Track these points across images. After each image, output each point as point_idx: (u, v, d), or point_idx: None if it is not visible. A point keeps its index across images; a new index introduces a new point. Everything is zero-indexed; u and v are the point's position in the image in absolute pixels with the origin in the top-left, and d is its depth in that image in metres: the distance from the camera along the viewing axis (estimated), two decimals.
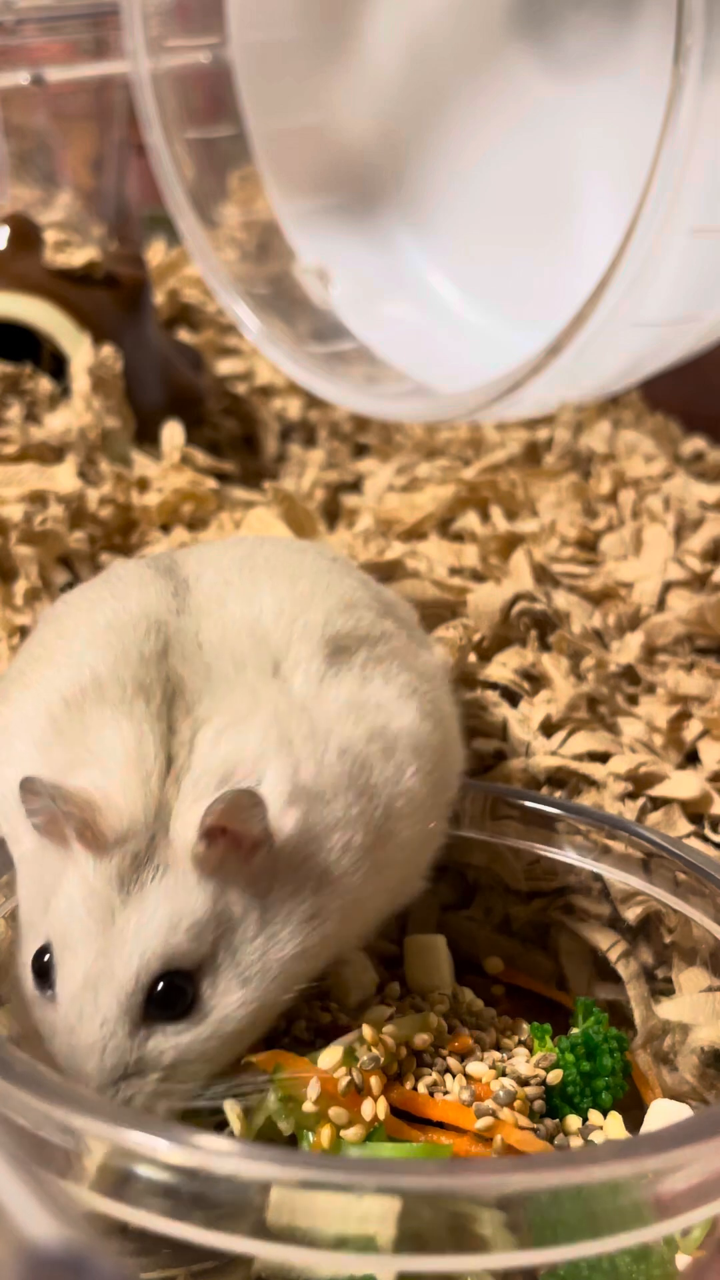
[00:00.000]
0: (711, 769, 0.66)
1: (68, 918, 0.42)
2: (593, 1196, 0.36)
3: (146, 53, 1.05)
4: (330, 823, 0.45)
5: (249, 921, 0.43)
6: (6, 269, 0.95)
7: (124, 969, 0.41)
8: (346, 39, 1.09)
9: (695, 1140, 0.38)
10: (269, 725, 0.45)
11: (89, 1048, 0.41)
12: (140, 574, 0.53)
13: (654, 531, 0.84)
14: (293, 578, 0.52)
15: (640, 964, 0.55)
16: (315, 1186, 0.35)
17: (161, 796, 0.43)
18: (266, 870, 0.43)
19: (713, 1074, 0.51)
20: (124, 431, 0.92)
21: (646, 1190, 0.37)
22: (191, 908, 0.42)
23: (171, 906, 0.42)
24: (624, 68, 0.96)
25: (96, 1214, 0.37)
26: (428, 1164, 0.40)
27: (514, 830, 0.57)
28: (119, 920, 0.42)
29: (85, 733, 0.45)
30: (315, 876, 0.44)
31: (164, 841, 0.42)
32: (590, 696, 0.69)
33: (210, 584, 0.51)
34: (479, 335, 1.06)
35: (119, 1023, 0.41)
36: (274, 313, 1.07)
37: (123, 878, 0.42)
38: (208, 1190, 0.36)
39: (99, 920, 0.42)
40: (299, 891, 0.44)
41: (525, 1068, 0.48)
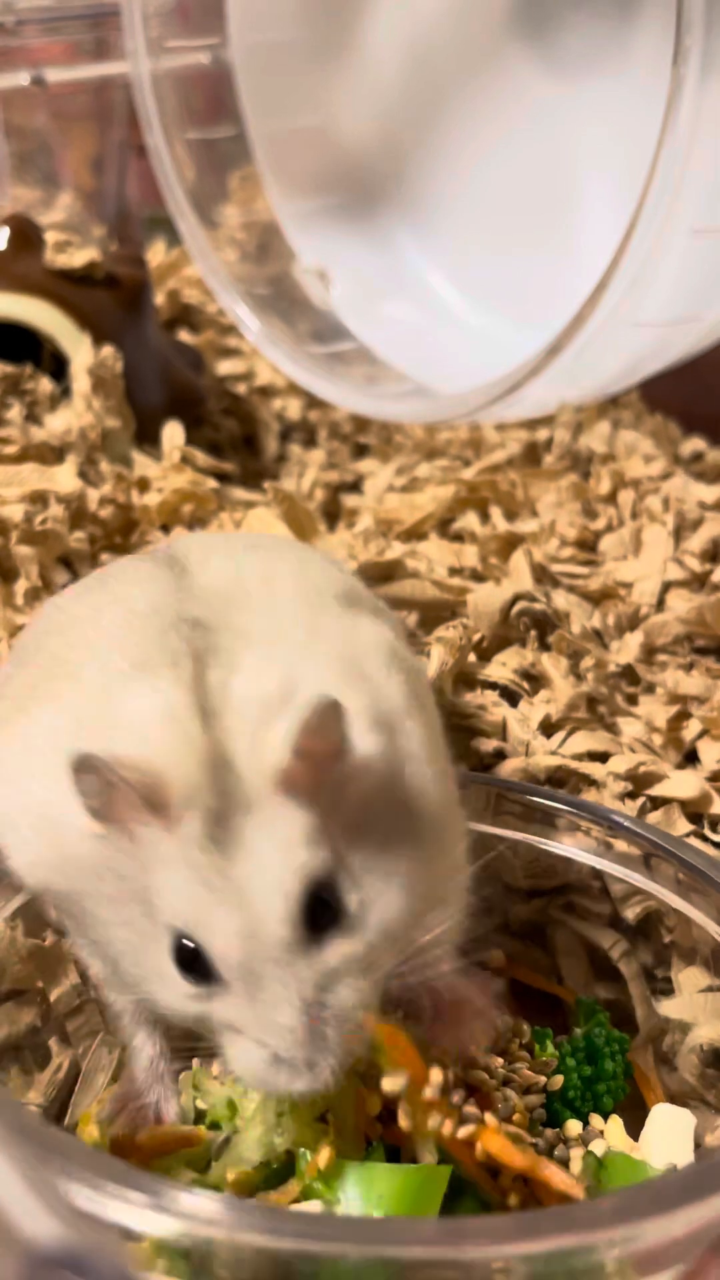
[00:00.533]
0: (711, 768, 0.66)
1: (188, 901, 0.41)
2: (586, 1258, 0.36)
3: (147, 53, 1.05)
4: (402, 752, 0.45)
5: (362, 835, 0.43)
6: (7, 269, 0.95)
7: (271, 910, 0.40)
8: (346, 40, 1.09)
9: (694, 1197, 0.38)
10: (330, 663, 0.45)
11: (279, 1002, 0.40)
12: (137, 569, 0.53)
13: (653, 532, 0.84)
14: (299, 560, 0.53)
15: (640, 963, 0.55)
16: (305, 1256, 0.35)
17: (209, 744, 0.42)
18: (360, 792, 0.43)
19: (712, 1074, 0.51)
20: (124, 432, 0.92)
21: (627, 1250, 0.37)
22: (296, 827, 0.41)
23: (278, 836, 0.41)
24: (624, 68, 0.96)
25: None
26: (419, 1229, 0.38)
27: (514, 826, 0.57)
28: (237, 874, 0.41)
29: (115, 717, 0.44)
30: (404, 800, 0.44)
31: (234, 782, 0.41)
32: (590, 696, 0.69)
33: (219, 566, 0.51)
34: (479, 336, 1.06)
35: (291, 966, 0.40)
36: (274, 313, 1.07)
37: (214, 837, 0.41)
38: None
39: (222, 885, 0.40)
40: (394, 812, 0.44)
41: (526, 1074, 0.48)
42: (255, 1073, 0.41)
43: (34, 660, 0.52)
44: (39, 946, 0.51)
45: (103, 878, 0.43)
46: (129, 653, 0.46)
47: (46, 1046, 0.51)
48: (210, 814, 0.41)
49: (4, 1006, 0.50)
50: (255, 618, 0.47)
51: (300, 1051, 0.40)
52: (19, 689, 0.51)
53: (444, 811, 0.47)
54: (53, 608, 0.56)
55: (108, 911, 0.44)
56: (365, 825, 0.43)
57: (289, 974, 0.40)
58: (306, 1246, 0.35)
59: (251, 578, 0.50)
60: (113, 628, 0.48)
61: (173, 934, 0.41)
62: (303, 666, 0.44)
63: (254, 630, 0.46)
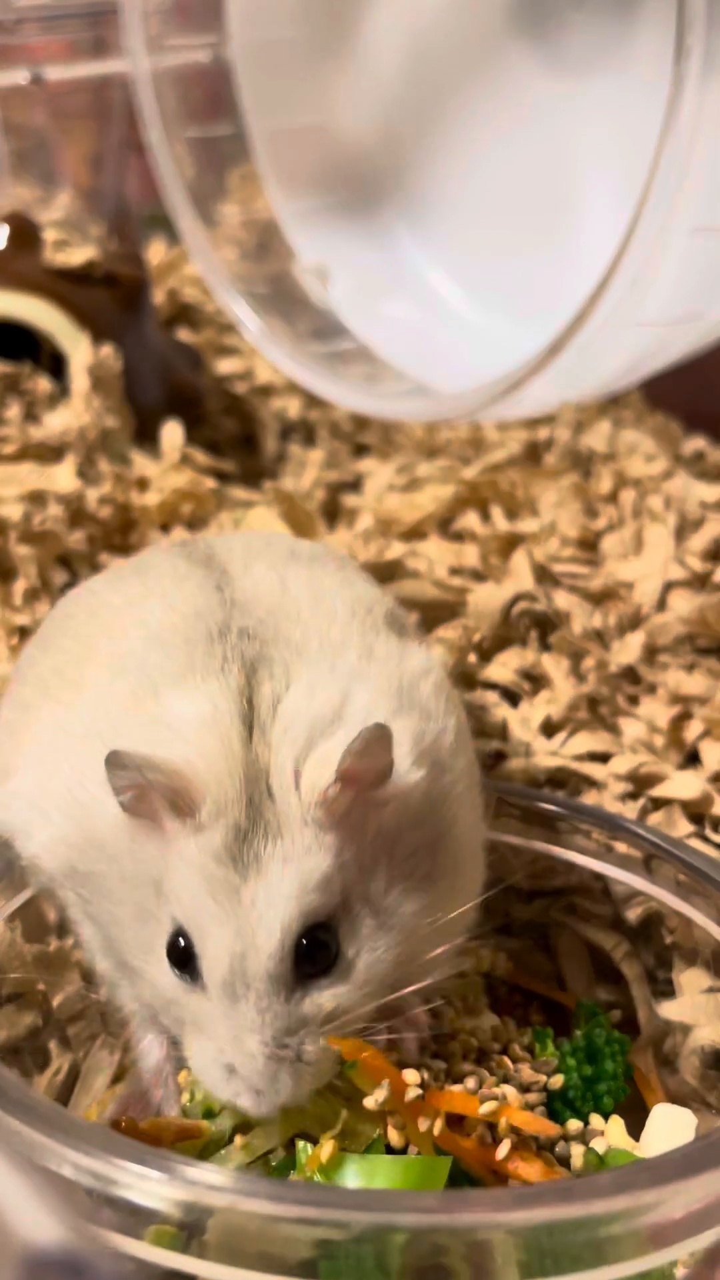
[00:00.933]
0: (712, 769, 0.66)
1: (194, 905, 0.42)
2: (591, 1230, 0.36)
3: (146, 51, 1.05)
4: (444, 791, 0.45)
5: (377, 875, 0.43)
6: (6, 268, 0.95)
7: (267, 941, 0.41)
8: (347, 37, 1.09)
9: (694, 1170, 0.38)
10: (381, 693, 0.45)
11: (251, 1026, 0.41)
12: (175, 566, 0.53)
13: (655, 531, 0.84)
14: (342, 576, 0.53)
15: (642, 965, 0.55)
16: (309, 1223, 0.35)
17: (248, 758, 0.42)
18: (393, 826, 0.43)
19: (713, 1075, 0.51)
20: (123, 431, 0.92)
21: (646, 1222, 0.37)
22: (316, 864, 0.42)
23: (296, 870, 0.41)
24: (625, 67, 0.96)
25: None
26: (423, 1199, 0.39)
27: (515, 829, 0.57)
28: (246, 896, 0.41)
29: (160, 715, 0.44)
30: (432, 841, 0.44)
31: (266, 803, 0.42)
32: (591, 697, 0.69)
33: (262, 574, 0.51)
34: (479, 334, 1.06)
35: (272, 996, 0.41)
36: (274, 312, 1.07)
37: (233, 852, 0.41)
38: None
39: (227, 900, 0.41)
40: (418, 854, 0.44)
41: (527, 1074, 0.48)
42: (209, 1075, 0.42)
43: (60, 645, 0.52)
44: (41, 950, 0.50)
45: (122, 859, 0.44)
46: (177, 653, 0.46)
47: (46, 1049, 0.50)
48: (236, 829, 0.42)
49: (4, 1009, 0.49)
50: (309, 633, 0.47)
51: (255, 1079, 0.41)
52: (44, 673, 0.51)
53: (468, 855, 0.47)
54: (85, 592, 0.57)
55: (119, 889, 0.44)
56: (387, 856, 0.43)
57: (267, 1007, 0.41)
58: (309, 1214, 0.35)
59: (300, 591, 0.50)
60: (156, 624, 0.48)
61: (173, 926, 0.42)
62: (356, 689, 0.44)
63: (308, 645, 0.46)
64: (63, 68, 1.11)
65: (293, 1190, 0.38)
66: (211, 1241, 0.36)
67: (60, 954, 0.51)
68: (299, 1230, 0.36)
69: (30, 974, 0.50)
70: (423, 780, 0.44)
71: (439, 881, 0.45)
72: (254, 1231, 0.36)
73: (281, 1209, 0.36)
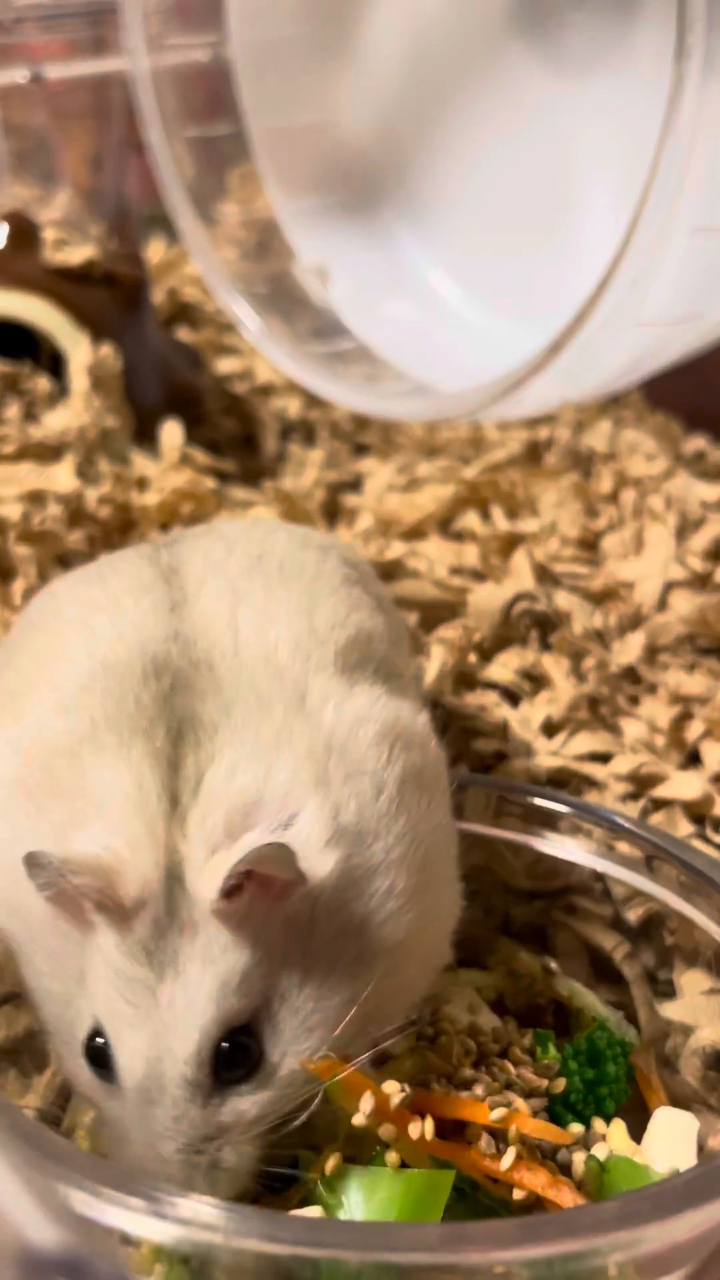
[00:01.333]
0: (713, 770, 0.66)
1: (109, 1004, 0.40)
2: (587, 1263, 0.36)
3: (146, 50, 1.05)
4: (371, 867, 0.42)
5: (294, 968, 0.40)
6: (5, 267, 0.95)
7: (183, 1046, 0.39)
8: (346, 37, 1.09)
9: (696, 1201, 0.37)
10: (303, 761, 0.42)
11: (163, 1133, 0.39)
12: (138, 573, 0.50)
13: (655, 531, 0.84)
14: (308, 595, 0.48)
15: (643, 965, 0.55)
16: (302, 1261, 0.35)
17: (169, 843, 0.40)
18: (305, 914, 0.41)
19: (714, 1076, 0.51)
20: (123, 431, 0.92)
21: (641, 1251, 0.37)
22: (233, 965, 0.39)
23: (214, 971, 0.39)
24: (625, 66, 0.96)
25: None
26: (421, 1234, 0.37)
27: (515, 828, 0.56)
28: (163, 996, 0.39)
29: (83, 782, 0.42)
30: (357, 924, 0.42)
31: (183, 896, 0.40)
32: (591, 697, 0.68)
33: (215, 595, 0.47)
34: (479, 334, 1.06)
35: (190, 1102, 0.39)
36: (273, 311, 1.07)
37: (151, 950, 0.39)
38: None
39: (143, 1002, 0.39)
40: (342, 937, 0.41)
41: (530, 1078, 0.48)
42: (127, 1163, 0.40)
43: (16, 660, 0.50)
44: None
45: (49, 938, 0.42)
46: (112, 696, 0.43)
47: (44, 1050, 0.50)
48: (155, 924, 0.39)
49: (3, 1009, 0.49)
50: (240, 681, 0.44)
51: (170, 1181, 0.39)
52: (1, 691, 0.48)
53: (410, 931, 0.43)
54: (49, 596, 0.54)
55: (47, 967, 0.42)
56: (300, 948, 0.41)
57: (183, 1114, 0.39)
58: (305, 1252, 0.35)
59: (246, 620, 0.46)
60: (99, 653, 0.45)
61: (91, 1024, 0.40)
62: (277, 764, 0.41)
63: (238, 698, 0.43)
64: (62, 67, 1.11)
65: (288, 1227, 0.36)
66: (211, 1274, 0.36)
67: None
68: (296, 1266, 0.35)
69: None
70: (341, 865, 0.41)
71: (373, 963, 0.42)
72: (251, 1267, 0.35)
73: (276, 1248, 0.35)
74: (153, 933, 0.39)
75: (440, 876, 0.46)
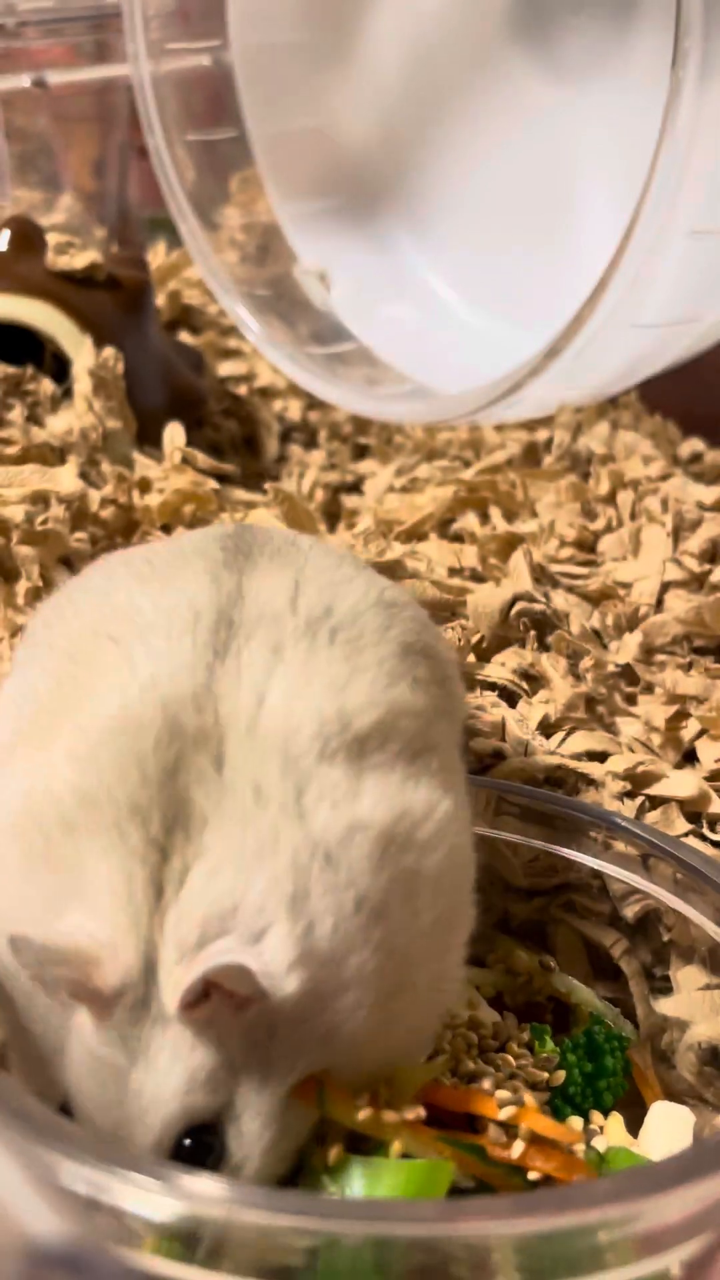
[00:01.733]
0: (709, 768, 0.66)
1: (80, 1083, 0.40)
2: (585, 1238, 0.36)
3: (147, 56, 1.06)
4: (340, 983, 0.41)
5: (256, 1072, 0.40)
6: (9, 271, 0.95)
7: (146, 1136, 0.39)
8: (347, 42, 1.09)
9: (692, 1177, 0.37)
10: (284, 874, 0.40)
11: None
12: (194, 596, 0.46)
13: (652, 532, 0.84)
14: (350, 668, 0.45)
15: (640, 962, 0.55)
16: (303, 1234, 0.35)
17: (150, 936, 0.40)
18: (266, 1024, 0.40)
19: (710, 1072, 0.51)
20: (125, 433, 0.93)
21: (641, 1228, 0.37)
22: (200, 1064, 0.39)
23: (183, 1065, 0.39)
24: (623, 70, 0.97)
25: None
26: (416, 1208, 0.38)
27: (513, 827, 0.57)
28: (132, 1083, 0.39)
29: (77, 858, 0.41)
30: (320, 1034, 0.41)
31: (157, 992, 0.39)
32: (588, 696, 0.69)
33: (257, 653, 0.44)
34: (479, 337, 1.07)
35: None
36: (274, 314, 1.07)
37: (125, 1036, 0.39)
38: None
39: (112, 1087, 0.39)
40: (302, 1047, 0.41)
41: (532, 1071, 0.48)
42: None
43: (42, 657, 0.48)
44: None
45: (32, 1001, 0.42)
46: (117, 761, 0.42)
47: None
48: (131, 1012, 0.39)
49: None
50: (241, 771, 0.42)
51: None
52: (21, 703, 0.47)
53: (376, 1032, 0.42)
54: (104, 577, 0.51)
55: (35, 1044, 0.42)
56: (262, 1052, 0.40)
57: None
58: (305, 1224, 0.35)
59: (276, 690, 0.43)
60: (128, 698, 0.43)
61: (64, 1096, 0.41)
62: (255, 877, 0.40)
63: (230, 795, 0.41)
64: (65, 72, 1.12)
65: (289, 1200, 0.37)
66: (213, 1251, 0.36)
67: None
68: (295, 1239, 0.35)
69: None
70: (299, 989, 0.40)
71: (342, 1071, 0.41)
72: (251, 1240, 0.35)
73: (278, 1219, 0.35)
74: (129, 1020, 0.39)
75: (419, 984, 0.44)
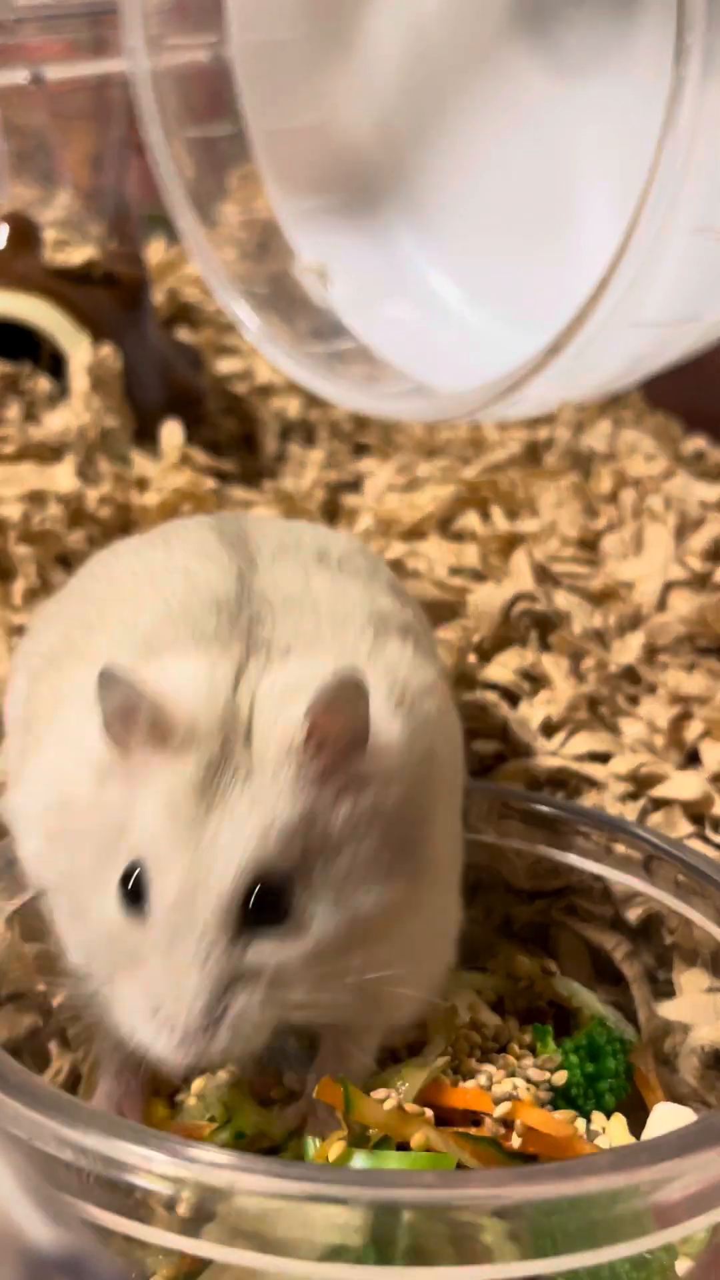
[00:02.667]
0: (712, 770, 0.66)
1: (155, 831, 0.41)
2: (591, 1207, 0.36)
3: (146, 51, 1.05)
4: (430, 752, 0.45)
5: (340, 837, 0.42)
6: (6, 268, 0.95)
7: (219, 878, 0.40)
8: (346, 37, 1.09)
9: (693, 1150, 0.38)
10: (373, 659, 0.46)
11: (190, 960, 0.40)
12: (203, 541, 0.53)
13: (655, 531, 0.84)
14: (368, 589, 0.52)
15: (643, 965, 0.55)
16: (315, 1200, 0.35)
17: (232, 702, 0.42)
18: (361, 783, 0.43)
19: (713, 1075, 0.51)
20: (123, 431, 0.92)
21: (645, 1200, 0.37)
22: (280, 813, 0.41)
23: (260, 813, 0.41)
24: (624, 67, 0.96)
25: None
26: (425, 1176, 0.39)
27: (516, 831, 0.57)
28: (208, 829, 0.40)
29: (163, 643, 0.45)
30: (409, 812, 0.44)
31: (243, 748, 0.42)
32: (591, 697, 0.69)
33: (289, 569, 0.51)
34: (479, 335, 1.06)
35: (218, 932, 0.40)
36: (273, 312, 1.07)
37: (202, 786, 0.41)
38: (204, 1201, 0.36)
39: (188, 830, 0.41)
40: (391, 821, 0.43)
41: (533, 1071, 0.48)
42: (133, 1018, 0.41)
43: (75, 610, 0.53)
44: (41, 950, 0.50)
45: (92, 813, 0.43)
46: (185, 630, 0.46)
47: (46, 1049, 0.50)
48: (209, 764, 0.41)
49: (4, 1009, 0.49)
50: (321, 629, 0.47)
51: (181, 1028, 0.40)
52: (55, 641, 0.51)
53: (439, 878, 0.46)
54: (111, 554, 0.57)
55: (87, 843, 0.43)
56: (355, 843, 0.42)
57: (209, 947, 0.40)
58: (311, 1190, 0.35)
59: (322, 592, 0.49)
60: (173, 600, 0.48)
61: (132, 860, 0.41)
62: (343, 658, 0.45)
63: (320, 638, 0.46)
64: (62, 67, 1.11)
65: (293, 1169, 0.38)
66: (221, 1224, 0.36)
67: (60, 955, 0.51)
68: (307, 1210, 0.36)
69: (30, 974, 0.50)
70: (402, 731, 0.44)
71: (411, 873, 0.44)
72: (260, 1213, 0.36)
73: (283, 1185, 0.36)
74: (206, 773, 0.41)
75: (455, 849, 0.49)
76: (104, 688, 0.42)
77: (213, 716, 0.42)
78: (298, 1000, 0.41)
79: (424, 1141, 0.42)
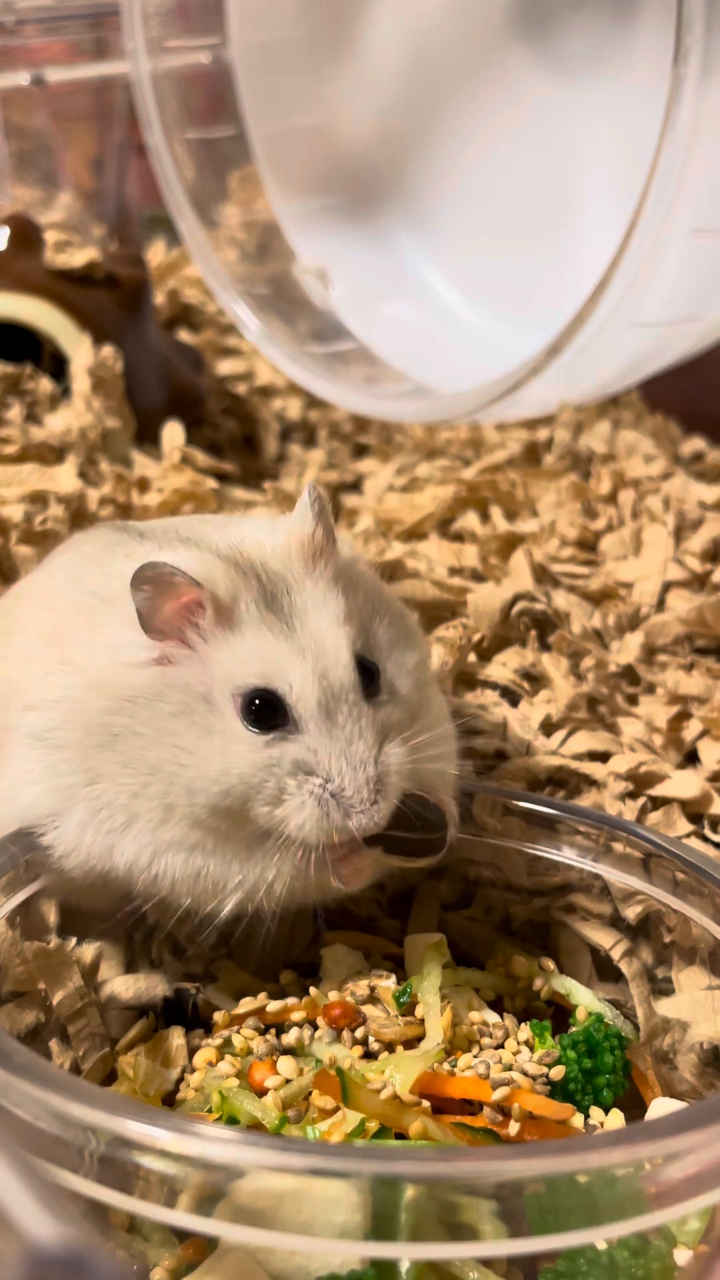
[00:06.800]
0: (711, 769, 0.66)
1: (262, 662, 0.47)
2: (589, 1185, 0.37)
3: (147, 53, 1.05)
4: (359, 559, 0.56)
5: (363, 610, 0.51)
6: (7, 269, 0.95)
7: (340, 656, 0.48)
8: (346, 39, 1.09)
9: (691, 1129, 0.38)
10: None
11: (354, 734, 0.47)
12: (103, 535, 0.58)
13: (654, 532, 0.84)
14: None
15: (641, 963, 0.55)
16: (318, 1174, 0.36)
17: (229, 557, 0.49)
18: (347, 572, 0.51)
19: (711, 1072, 0.51)
20: (124, 432, 0.92)
21: (643, 1179, 0.37)
22: (338, 603, 0.49)
23: (330, 608, 0.49)
24: (624, 68, 0.96)
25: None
26: (424, 1151, 0.40)
27: (516, 830, 0.57)
28: (306, 633, 0.48)
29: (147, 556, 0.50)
30: (375, 588, 0.54)
31: (267, 576, 0.49)
32: (590, 696, 0.69)
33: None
34: (479, 335, 1.06)
35: (362, 703, 0.48)
36: (274, 313, 1.07)
37: (272, 618, 0.48)
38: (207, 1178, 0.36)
39: (290, 641, 0.48)
40: (372, 591, 0.53)
41: (530, 1066, 0.48)
42: (316, 818, 0.47)
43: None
44: (41, 949, 0.51)
45: (164, 697, 0.48)
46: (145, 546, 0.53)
47: (47, 1048, 0.51)
48: (260, 600, 0.48)
49: (5, 1008, 0.50)
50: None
51: (368, 784, 0.47)
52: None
53: (426, 653, 0.56)
54: (72, 547, 0.61)
55: (166, 729, 0.48)
56: (377, 617, 0.51)
57: (361, 714, 0.48)
58: (317, 1165, 0.36)
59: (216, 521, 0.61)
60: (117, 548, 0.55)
61: (243, 696, 0.47)
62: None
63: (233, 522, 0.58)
64: (64, 70, 1.12)
65: (296, 1145, 0.39)
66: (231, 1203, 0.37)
67: (60, 953, 0.51)
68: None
69: (30, 973, 0.50)
70: (356, 557, 0.55)
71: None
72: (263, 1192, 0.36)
73: (287, 1159, 0.36)
74: (265, 605, 0.48)
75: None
76: (139, 588, 0.47)
77: (233, 572, 0.48)
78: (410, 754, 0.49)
79: (422, 1131, 0.42)
